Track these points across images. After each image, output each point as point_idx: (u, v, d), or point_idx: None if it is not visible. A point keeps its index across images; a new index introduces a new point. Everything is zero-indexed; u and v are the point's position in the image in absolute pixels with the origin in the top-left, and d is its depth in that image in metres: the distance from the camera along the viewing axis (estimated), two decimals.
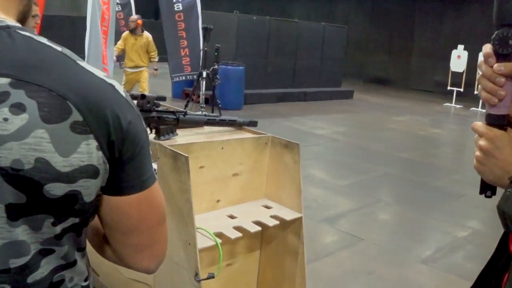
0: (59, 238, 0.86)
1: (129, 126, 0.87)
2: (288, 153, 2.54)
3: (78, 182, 0.82)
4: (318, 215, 5.14)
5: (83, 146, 0.81)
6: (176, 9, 9.81)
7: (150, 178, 0.93)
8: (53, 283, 0.89)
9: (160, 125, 2.41)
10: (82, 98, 0.81)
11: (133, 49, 9.16)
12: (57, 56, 0.84)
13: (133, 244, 0.98)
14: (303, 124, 10.42)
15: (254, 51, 13.16)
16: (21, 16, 0.93)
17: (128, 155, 0.88)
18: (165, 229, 1.03)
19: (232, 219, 2.39)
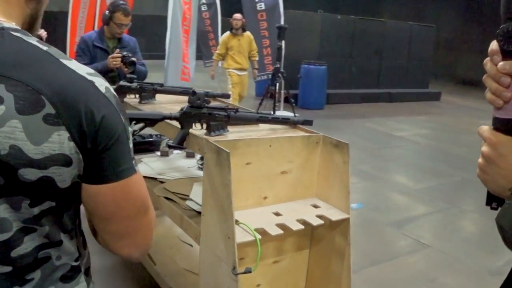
0: (38, 218, 0.94)
1: (103, 120, 0.93)
2: (338, 153, 2.52)
3: (50, 169, 0.90)
4: (386, 218, 5.04)
5: (54, 136, 0.88)
6: (258, 8, 9.91)
7: (126, 170, 0.99)
8: (38, 259, 0.97)
9: (211, 121, 2.47)
10: (56, 93, 0.88)
11: (238, 50, 8.47)
12: (40, 54, 0.92)
13: (112, 231, 1.06)
14: (385, 125, 10.21)
15: (338, 50, 13.06)
16: (29, 18, 1.02)
17: (102, 147, 0.94)
18: (147, 220, 1.08)
19: (277, 216, 2.40)
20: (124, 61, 4.03)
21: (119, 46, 4.31)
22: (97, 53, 4.26)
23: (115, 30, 4.22)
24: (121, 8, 4.12)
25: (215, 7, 12.37)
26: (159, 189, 3.01)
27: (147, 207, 1.07)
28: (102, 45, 4.27)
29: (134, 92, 3.37)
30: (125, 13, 4.12)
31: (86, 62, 4.17)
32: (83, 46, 4.29)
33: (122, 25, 4.19)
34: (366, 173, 6.72)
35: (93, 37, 4.31)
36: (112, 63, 4.04)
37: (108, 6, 4.25)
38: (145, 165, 3.52)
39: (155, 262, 3.19)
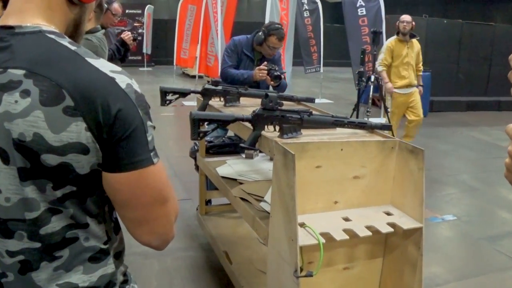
0: (61, 201, 1.04)
1: (119, 113, 1.01)
2: (413, 159, 2.44)
3: (68, 155, 1.00)
4: (481, 231, 4.78)
5: (72, 126, 0.98)
6: (360, 14, 9.82)
7: (142, 160, 1.06)
8: (66, 238, 1.08)
9: (283, 124, 2.48)
10: (76, 87, 0.98)
11: (404, 61, 6.84)
12: (67, 53, 1.03)
13: (130, 218, 1.13)
14: (490, 135, 9.69)
15: (444, 56, 12.56)
16: (73, 23, 1.14)
17: (117, 138, 1.02)
18: (165, 210, 1.14)
19: (346, 221, 2.37)
20: (270, 74, 4.10)
21: (264, 58, 4.36)
22: (243, 59, 4.34)
23: (267, 52, 4.25)
24: (275, 33, 4.15)
25: (318, 13, 12.39)
26: (237, 190, 3.07)
27: (165, 198, 1.13)
28: (250, 54, 4.33)
29: (219, 95, 3.46)
30: (279, 37, 4.15)
31: (233, 63, 4.32)
32: (233, 48, 4.36)
33: (275, 48, 4.25)
34: (465, 184, 6.43)
35: (243, 43, 4.35)
36: (259, 74, 4.11)
37: (264, 28, 4.30)
38: (228, 166, 3.60)
39: (231, 261, 3.26)
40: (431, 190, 5.82)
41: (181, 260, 3.89)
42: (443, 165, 7.29)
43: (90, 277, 1.11)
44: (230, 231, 3.77)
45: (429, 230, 4.67)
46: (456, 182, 6.52)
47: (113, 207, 1.15)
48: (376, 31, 7.12)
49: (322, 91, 13.09)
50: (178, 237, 4.20)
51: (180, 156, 6.32)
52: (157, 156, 1.10)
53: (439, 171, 6.85)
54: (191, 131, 2.50)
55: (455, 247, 4.54)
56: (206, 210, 4.12)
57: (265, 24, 4.42)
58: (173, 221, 1.17)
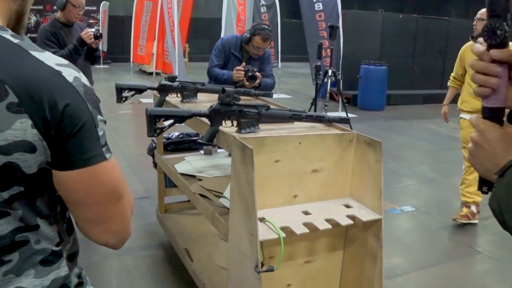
0: (9, 202, 0.98)
1: (66, 108, 0.95)
2: (371, 152, 2.45)
3: (14, 154, 0.93)
4: (439, 222, 4.87)
5: (17, 124, 0.92)
6: (316, 9, 9.87)
7: (94, 156, 1.01)
8: (15, 241, 1.01)
9: (241, 119, 2.46)
10: (20, 82, 0.92)
11: None
12: (10, 47, 0.96)
13: (85, 218, 1.08)
14: (445, 127, 9.83)
15: (400, 50, 12.78)
16: (15, 15, 1.07)
17: (66, 134, 0.96)
18: (120, 207, 1.10)
19: (306, 215, 2.36)
20: (245, 75, 4.04)
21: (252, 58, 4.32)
22: (231, 58, 4.28)
23: (252, 51, 4.19)
24: (261, 33, 4.08)
25: (275, 9, 12.40)
26: (196, 186, 3.03)
27: (120, 194, 1.09)
28: (238, 54, 4.28)
29: (176, 91, 3.41)
30: (264, 38, 4.09)
31: (220, 63, 4.26)
32: (221, 47, 4.30)
33: (259, 48, 4.18)
34: (423, 175, 6.54)
35: (231, 43, 4.30)
36: (236, 75, 4.06)
37: (250, 28, 4.24)
38: (187, 163, 3.56)
39: (192, 259, 3.22)
40: (389, 182, 5.89)
41: (141, 259, 3.83)
42: (401, 157, 7.40)
43: (42, 280, 1.06)
44: (190, 228, 3.73)
45: (388, 222, 4.73)
46: (414, 173, 6.63)
47: (66, 207, 1.10)
48: (333, 25, 7.15)
49: (280, 86, 13.13)
50: (137, 236, 4.13)
51: (138, 154, 6.25)
52: (110, 152, 1.05)
53: (397, 163, 6.95)
54: (148, 127, 2.46)
55: (414, 238, 4.61)
56: (166, 208, 4.06)
57: (252, 24, 4.39)
58: (129, 217, 1.13)
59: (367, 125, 9.40)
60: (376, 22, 12.47)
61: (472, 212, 4.73)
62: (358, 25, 12.03)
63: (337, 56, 9.75)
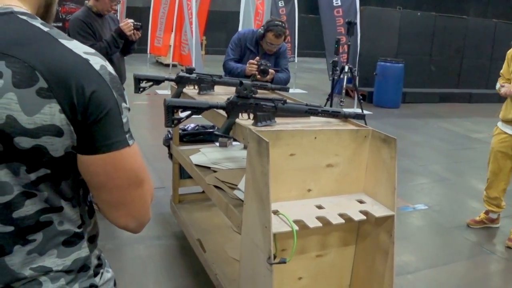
0: (35, 184, 1.02)
1: (93, 95, 0.99)
2: (386, 148, 2.46)
3: (42, 138, 0.97)
4: (451, 221, 4.87)
5: (46, 108, 0.96)
6: (335, 4, 9.84)
7: (117, 142, 1.04)
8: (40, 222, 1.06)
9: (258, 112, 2.48)
10: (50, 69, 0.96)
11: None
12: (40, 35, 1.00)
13: (106, 201, 1.12)
14: (461, 126, 9.85)
15: (417, 48, 12.71)
16: (43, 3, 1.12)
17: (92, 119, 1.00)
18: (141, 192, 1.13)
19: (320, 209, 2.38)
20: (258, 68, 4.06)
21: None
22: (246, 53, 4.30)
23: (266, 47, 4.21)
24: (274, 29, 4.08)
25: (293, 3, 12.38)
26: (211, 178, 3.06)
27: (141, 180, 1.12)
28: (254, 48, 4.29)
29: (193, 83, 3.44)
30: (277, 34, 4.08)
31: (235, 57, 4.28)
32: (237, 41, 4.32)
33: (273, 44, 4.18)
34: (436, 174, 6.53)
35: (248, 37, 4.31)
36: (248, 68, 4.08)
37: (264, 24, 4.25)
38: (202, 155, 3.59)
39: (205, 249, 3.26)
40: (403, 180, 5.89)
41: (154, 248, 3.88)
42: (415, 155, 7.38)
43: (64, 260, 1.10)
44: (204, 219, 3.76)
45: (401, 219, 4.73)
46: (427, 172, 6.61)
47: (88, 191, 1.14)
48: (351, 21, 7.13)
49: (296, 81, 13.11)
50: (151, 225, 4.18)
51: (154, 145, 6.29)
52: (132, 138, 1.09)
53: (411, 161, 6.94)
54: (165, 118, 2.49)
55: (426, 236, 4.61)
56: (180, 199, 4.10)
57: (267, 20, 4.40)
58: (149, 203, 1.17)
59: (382, 122, 9.38)
60: (394, 19, 12.41)
61: (490, 218, 4.71)
62: (375, 21, 11.99)
63: (354, 52, 9.73)
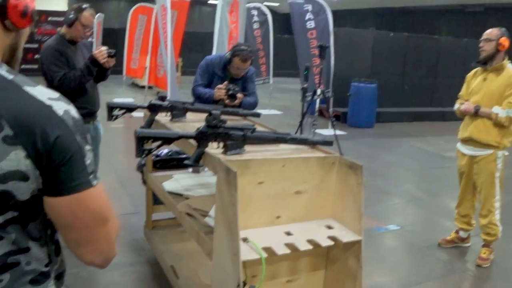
0: (3, 227, 1.07)
1: (57, 140, 1.05)
2: (352, 174, 2.53)
3: (8, 183, 1.03)
4: (423, 240, 4.94)
5: (12, 155, 1.02)
6: (308, 27, 9.98)
7: (81, 184, 1.11)
8: (7, 263, 1.10)
9: (227, 141, 2.54)
10: (15, 117, 1.02)
11: (473, 99, 4.48)
12: (4, 82, 1.06)
13: (73, 239, 1.17)
14: (434, 145, 10.02)
15: (390, 68, 12.92)
16: (9, 49, 1.17)
17: (56, 163, 1.06)
18: (106, 230, 1.19)
19: (288, 235, 2.44)
20: (227, 93, 4.10)
21: None
22: (215, 78, 4.34)
23: (233, 72, 4.26)
24: (240, 54, 4.14)
25: (267, 25, 12.52)
26: (183, 205, 3.10)
27: (106, 218, 1.18)
28: (222, 73, 4.33)
29: (165, 110, 3.48)
30: (243, 59, 4.14)
31: (204, 82, 4.32)
32: (205, 67, 4.37)
33: (240, 69, 4.23)
34: (409, 194, 6.63)
35: (215, 63, 4.36)
36: (217, 93, 4.12)
37: (231, 49, 4.32)
38: (175, 181, 3.62)
39: (178, 276, 3.28)
40: (376, 200, 5.97)
41: (128, 275, 3.88)
42: (388, 175, 7.49)
43: None
44: (177, 245, 3.79)
45: (373, 240, 4.81)
46: (400, 192, 6.71)
47: (55, 230, 1.19)
48: (323, 45, 7.23)
49: (272, 102, 13.22)
50: (125, 251, 4.18)
51: (129, 169, 6.26)
52: (97, 178, 1.14)
53: (385, 181, 7.03)
54: (136, 149, 2.54)
55: (399, 256, 4.68)
56: (153, 225, 4.12)
57: (234, 45, 4.46)
58: (114, 239, 1.23)
59: (356, 143, 9.51)
60: (367, 40, 12.63)
61: (460, 237, 4.81)
62: (349, 43, 12.19)
63: (327, 73, 9.85)
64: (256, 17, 12.36)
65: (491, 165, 4.36)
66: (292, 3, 10.03)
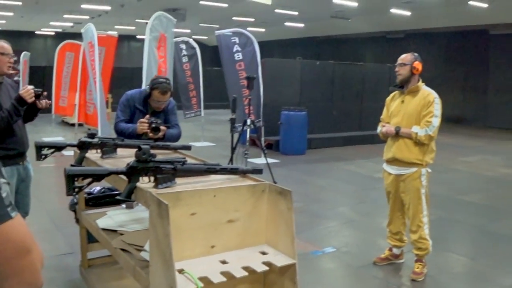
0: None
1: None
2: (282, 200, 2.61)
3: None
4: (357, 260, 5.09)
5: None
6: (236, 58, 10.15)
7: (0, 216, 1.12)
8: None
9: (158, 174, 2.57)
10: None
11: (394, 121, 4.72)
12: None
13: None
14: (364, 167, 10.35)
15: (319, 95, 13.31)
16: None
17: None
18: (29, 260, 1.19)
19: (223, 264, 2.48)
20: (149, 127, 4.13)
21: None
22: (136, 112, 4.35)
23: (154, 105, 4.30)
24: (159, 86, 4.19)
25: (196, 58, 12.64)
26: (117, 241, 3.08)
27: (28, 248, 1.18)
28: (143, 108, 4.35)
29: (95, 147, 3.47)
30: (162, 91, 4.19)
31: (126, 118, 4.34)
32: (125, 102, 4.39)
33: (160, 101, 4.27)
34: (344, 216, 6.80)
35: (136, 97, 4.39)
36: (140, 127, 4.14)
37: (150, 82, 4.36)
38: (109, 218, 3.60)
39: None
40: (311, 225, 6.11)
41: None
42: (322, 199, 7.66)
43: None
44: (114, 282, 3.74)
45: (311, 264, 4.90)
46: (335, 215, 6.88)
47: None
48: (250, 76, 7.39)
49: (204, 134, 13.29)
50: None
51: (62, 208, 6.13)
52: (15, 210, 1.15)
53: (319, 206, 7.19)
54: (67, 187, 2.52)
55: (336, 278, 4.80)
56: (89, 263, 4.05)
57: (152, 78, 4.52)
58: (40, 269, 1.22)
59: (289, 169, 9.69)
60: (295, 69, 12.98)
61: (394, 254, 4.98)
62: (277, 72, 12.48)
63: (257, 103, 10.02)
64: (184, 51, 12.47)
65: (416, 182, 4.58)
66: (219, 35, 10.20)
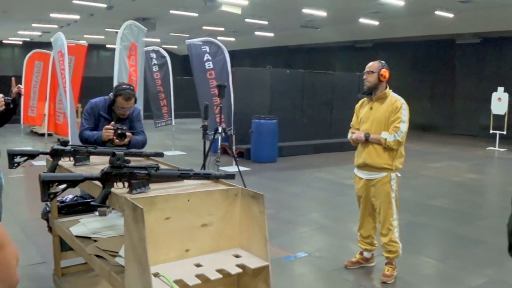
0: None
1: None
2: (255, 204, 2.68)
3: None
4: (329, 264, 5.17)
5: None
6: (207, 67, 10.21)
7: None
8: None
9: (132, 180, 2.61)
10: None
11: (363, 128, 4.83)
12: None
13: None
14: (335, 174, 10.49)
15: (289, 104, 13.44)
16: None
17: None
18: (3, 256, 1.20)
19: (198, 267, 2.53)
20: (115, 133, 4.15)
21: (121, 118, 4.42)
22: (101, 120, 4.37)
23: (118, 112, 4.33)
24: (122, 93, 4.23)
25: (167, 67, 12.65)
26: (92, 247, 3.10)
27: (1, 244, 1.20)
28: (107, 115, 4.38)
29: (68, 155, 3.49)
30: (126, 98, 4.23)
31: (90, 126, 4.36)
32: (90, 111, 4.41)
33: (124, 108, 4.31)
34: (315, 222, 6.89)
35: (100, 105, 4.41)
36: (105, 134, 4.16)
37: (113, 89, 4.39)
38: (82, 225, 3.60)
39: None
40: (284, 230, 6.18)
41: None
42: (294, 206, 7.75)
43: None
44: None
45: (283, 269, 4.97)
46: (307, 221, 6.97)
47: None
48: (221, 85, 7.46)
49: (175, 143, 13.30)
50: None
51: (33, 219, 6.11)
52: None
53: (291, 212, 7.27)
54: (41, 193, 2.54)
55: (309, 282, 4.86)
56: (63, 272, 4.04)
57: (115, 85, 4.55)
58: (14, 265, 1.23)
59: (260, 177, 9.77)
60: (265, 78, 13.08)
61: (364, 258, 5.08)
62: (248, 81, 12.57)
63: (228, 112, 10.08)
64: (155, 60, 12.48)
65: (387, 187, 4.69)
66: (190, 45, 10.25)
